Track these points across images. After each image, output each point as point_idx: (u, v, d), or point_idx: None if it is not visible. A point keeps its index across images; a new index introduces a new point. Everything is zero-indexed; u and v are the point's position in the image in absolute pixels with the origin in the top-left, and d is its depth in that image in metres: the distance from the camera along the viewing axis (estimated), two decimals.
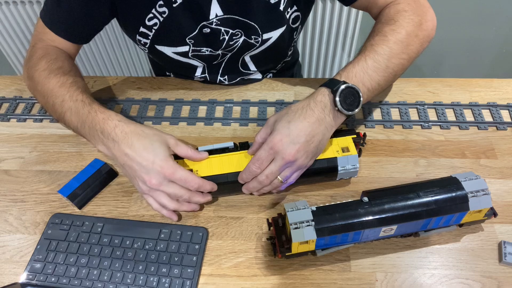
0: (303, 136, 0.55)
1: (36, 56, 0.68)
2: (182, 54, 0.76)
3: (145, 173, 0.56)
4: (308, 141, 0.55)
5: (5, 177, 0.69)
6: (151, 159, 0.56)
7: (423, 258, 0.57)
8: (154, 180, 0.56)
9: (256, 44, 0.75)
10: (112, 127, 0.58)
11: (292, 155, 0.54)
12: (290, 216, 0.52)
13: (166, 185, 0.57)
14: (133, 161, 0.56)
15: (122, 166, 0.59)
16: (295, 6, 0.72)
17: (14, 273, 0.58)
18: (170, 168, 0.56)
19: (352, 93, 0.57)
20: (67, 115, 0.62)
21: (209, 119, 0.77)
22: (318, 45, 1.48)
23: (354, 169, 0.61)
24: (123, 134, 0.57)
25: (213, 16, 0.69)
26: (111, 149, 0.58)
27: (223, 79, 0.83)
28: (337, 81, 0.58)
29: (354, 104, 0.57)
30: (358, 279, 0.55)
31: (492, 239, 0.59)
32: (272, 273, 0.56)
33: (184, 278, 0.56)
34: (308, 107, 0.56)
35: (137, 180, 0.58)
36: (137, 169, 0.56)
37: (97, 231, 0.61)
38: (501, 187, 0.64)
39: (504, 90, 0.79)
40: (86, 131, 0.61)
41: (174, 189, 0.57)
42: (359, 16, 1.37)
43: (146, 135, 0.58)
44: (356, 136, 0.63)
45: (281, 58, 0.87)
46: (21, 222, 0.63)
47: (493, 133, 0.72)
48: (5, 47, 1.54)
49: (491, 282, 0.55)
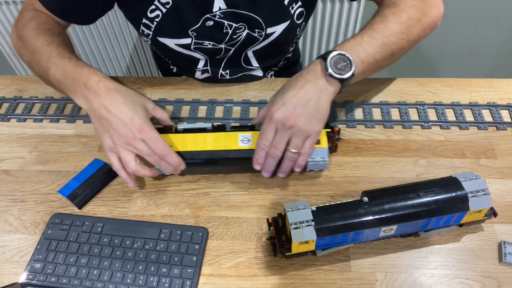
0: (297, 100, 0.57)
1: (26, 17, 0.69)
2: (184, 46, 0.76)
3: (120, 127, 0.58)
4: (304, 105, 0.57)
5: (5, 177, 0.69)
6: (130, 116, 0.58)
7: (423, 258, 0.57)
8: (129, 133, 0.57)
9: (260, 38, 0.75)
10: (96, 81, 0.60)
11: (291, 119, 0.56)
12: (290, 216, 0.52)
13: (137, 141, 0.58)
14: (111, 114, 0.58)
15: (97, 118, 0.60)
16: (300, 2, 0.72)
17: (14, 273, 0.58)
18: (146, 127, 0.58)
19: (343, 59, 0.58)
20: (51, 69, 0.63)
21: (209, 119, 0.76)
22: (318, 45, 1.48)
23: (323, 162, 0.63)
24: (105, 89, 0.59)
25: (216, 9, 0.69)
26: (91, 101, 0.59)
27: (225, 73, 0.83)
28: (329, 51, 0.59)
29: (346, 69, 0.58)
30: (358, 279, 0.55)
31: (492, 239, 0.59)
32: (272, 273, 0.56)
33: (184, 278, 0.56)
34: (300, 76, 0.59)
35: (108, 133, 0.59)
36: (113, 121, 0.58)
37: (97, 231, 0.61)
38: (501, 187, 0.64)
39: (504, 90, 0.79)
40: (68, 83, 0.62)
41: (143, 147, 0.58)
42: (359, 16, 1.37)
43: (128, 94, 0.61)
44: (330, 131, 0.65)
45: (283, 54, 0.87)
46: (21, 222, 0.63)
47: (493, 133, 0.72)
48: (5, 47, 1.54)
49: (491, 282, 0.55)
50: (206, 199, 0.65)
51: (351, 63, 0.58)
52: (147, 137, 0.58)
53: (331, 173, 0.67)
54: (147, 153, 0.59)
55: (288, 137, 0.58)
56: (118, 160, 0.60)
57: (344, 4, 1.33)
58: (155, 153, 0.59)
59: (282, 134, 0.58)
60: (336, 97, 0.79)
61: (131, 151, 0.59)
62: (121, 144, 0.59)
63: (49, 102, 0.81)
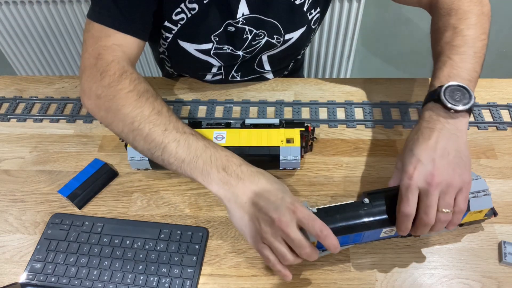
0: (432, 152, 0.50)
1: (113, 72, 0.58)
2: (204, 51, 0.75)
3: (273, 210, 0.48)
4: (442, 156, 0.50)
5: (5, 177, 0.69)
6: (280, 195, 0.50)
7: (423, 258, 0.57)
8: (284, 217, 0.48)
9: (278, 44, 0.75)
10: (238, 165, 0.53)
11: (435, 176, 0.48)
12: None
13: (293, 226, 0.48)
14: (260, 197, 0.50)
15: (240, 206, 0.51)
16: (319, 8, 0.72)
17: (14, 273, 0.58)
18: (300, 206, 0.49)
19: (455, 88, 0.52)
20: (171, 146, 0.54)
21: (209, 119, 0.76)
22: (318, 45, 1.48)
23: (296, 160, 0.63)
24: (249, 172, 0.53)
25: (240, 15, 0.69)
26: (233, 187, 0.52)
27: (237, 74, 0.83)
28: (434, 90, 0.54)
29: (466, 96, 0.52)
30: (358, 279, 0.55)
31: (492, 239, 0.59)
32: (272, 273, 0.56)
33: (184, 278, 0.56)
34: (422, 127, 0.52)
35: (258, 223, 0.50)
36: (263, 205, 0.49)
37: (97, 231, 0.61)
38: (501, 187, 0.64)
39: (504, 90, 0.79)
40: (199, 166, 0.53)
41: (298, 235, 0.48)
42: (359, 16, 1.37)
43: (271, 177, 0.53)
44: (304, 130, 0.65)
45: (295, 57, 0.87)
46: (21, 222, 0.63)
47: (493, 133, 0.72)
48: (5, 47, 1.54)
49: (491, 282, 0.55)
50: (206, 199, 0.65)
51: (465, 88, 0.52)
52: (302, 216, 0.48)
53: (331, 173, 0.67)
54: (299, 240, 0.48)
55: (437, 198, 0.49)
56: (271, 253, 0.50)
57: (344, 4, 1.33)
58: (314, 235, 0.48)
59: (429, 197, 0.48)
60: (336, 97, 0.80)
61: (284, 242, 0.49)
62: (272, 235, 0.49)
63: (49, 102, 0.81)
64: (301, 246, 0.48)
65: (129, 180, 0.68)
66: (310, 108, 0.78)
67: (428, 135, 0.51)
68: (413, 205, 0.49)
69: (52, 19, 1.43)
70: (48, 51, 1.56)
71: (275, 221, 0.48)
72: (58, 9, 1.39)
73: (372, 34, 1.51)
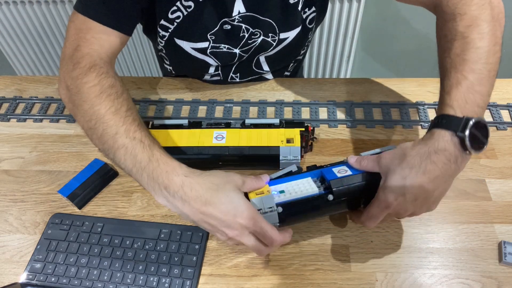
0: (421, 194, 0.48)
1: (84, 65, 0.58)
2: (200, 50, 0.75)
3: (226, 227, 0.49)
4: (427, 198, 0.49)
5: (5, 177, 0.69)
6: (232, 213, 0.49)
7: (423, 258, 0.57)
8: (236, 232, 0.49)
9: (273, 43, 0.75)
10: (179, 185, 0.50)
11: (409, 210, 0.50)
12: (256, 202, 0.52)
13: (246, 236, 0.50)
14: (211, 218, 0.49)
15: (195, 222, 0.51)
16: (313, 7, 0.72)
17: (14, 273, 0.58)
18: (252, 220, 0.49)
19: (480, 126, 0.48)
20: (120, 152, 0.53)
21: (209, 119, 0.76)
22: (318, 45, 1.48)
23: (296, 161, 0.63)
24: (193, 192, 0.49)
25: (235, 13, 0.69)
26: (180, 208, 0.50)
27: (235, 76, 0.83)
28: (455, 118, 0.49)
29: (484, 136, 0.49)
30: (358, 279, 0.55)
31: (492, 239, 0.59)
32: (272, 273, 0.56)
33: (184, 278, 0.56)
34: (429, 159, 0.48)
35: (217, 233, 0.51)
36: (216, 224, 0.50)
37: (97, 231, 0.61)
38: (501, 187, 0.64)
39: (504, 90, 0.79)
40: (144, 180, 0.52)
41: (251, 241, 0.51)
42: (359, 16, 1.37)
43: (218, 187, 0.50)
44: (304, 130, 0.65)
45: (294, 58, 0.87)
46: (21, 222, 0.63)
47: (493, 133, 0.72)
48: (5, 47, 1.54)
49: (491, 282, 0.55)
50: None
51: (486, 125, 0.49)
52: (255, 231, 0.50)
53: None
54: (252, 248, 0.51)
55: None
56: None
57: (344, 4, 1.33)
58: (264, 243, 0.51)
59: (387, 217, 0.52)
60: (336, 97, 0.80)
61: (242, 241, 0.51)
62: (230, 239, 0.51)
63: (49, 102, 0.81)
64: (260, 247, 0.51)
65: (129, 180, 0.67)
66: (310, 108, 0.78)
67: (430, 173, 0.48)
68: (376, 223, 0.53)
69: (52, 19, 1.43)
70: (48, 51, 1.56)
71: (228, 235, 0.49)
72: (58, 9, 1.39)
73: (372, 34, 1.51)
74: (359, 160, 0.54)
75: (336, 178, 0.53)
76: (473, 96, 0.50)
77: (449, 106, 0.50)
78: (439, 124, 0.50)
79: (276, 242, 0.51)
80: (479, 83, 0.51)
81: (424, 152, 0.49)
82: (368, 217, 0.53)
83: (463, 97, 0.50)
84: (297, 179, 0.55)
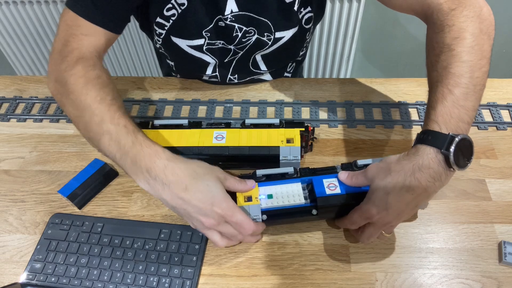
0: (403, 209, 0.50)
1: (71, 58, 0.60)
2: (196, 47, 0.75)
3: (202, 215, 0.51)
4: (408, 212, 0.51)
5: (5, 177, 0.69)
6: (209, 202, 0.51)
7: (423, 258, 0.57)
8: (212, 220, 0.51)
9: (269, 42, 0.75)
10: (161, 168, 0.51)
11: (390, 222, 0.52)
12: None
13: (222, 225, 0.53)
14: (189, 204, 0.51)
15: (172, 208, 0.53)
16: (309, 7, 0.72)
17: (14, 273, 0.58)
18: (229, 210, 0.51)
19: (465, 145, 0.49)
20: (105, 138, 0.54)
21: (209, 118, 0.76)
22: (318, 45, 1.48)
23: (296, 161, 0.63)
24: (174, 177, 0.51)
25: (228, 12, 0.69)
26: (160, 192, 0.52)
27: (233, 77, 0.83)
28: (440, 134, 0.49)
29: (467, 154, 0.49)
30: (358, 279, 0.55)
31: (492, 239, 0.59)
32: (272, 273, 0.56)
33: (184, 278, 0.56)
34: (413, 176, 0.48)
35: (192, 220, 0.53)
36: (192, 211, 0.51)
37: (97, 231, 0.61)
38: (501, 187, 0.64)
39: (504, 90, 0.79)
40: (127, 164, 0.53)
41: (228, 230, 0.53)
42: (359, 16, 1.37)
43: (198, 176, 0.52)
44: (304, 130, 0.65)
45: (292, 59, 0.87)
46: (21, 222, 0.63)
47: (493, 133, 0.72)
48: (5, 47, 1.54)
49: (491, 282, 0.55)
50: None
51: (471, 143, 0.50)
52: (231, 221, 0.52)
53: None
54: (229, 236, 0.54)
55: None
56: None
57: (344, 4, 1.33)
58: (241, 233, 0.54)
59: (371, 232, 0.54)
60: (336, 97, 0.80)
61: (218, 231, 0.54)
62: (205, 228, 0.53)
63: (49, 102, 0.81)
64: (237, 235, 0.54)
65: (129, 180, 0.67)
66: (310, 108, 0.78)
67: (413, 191, 0.48)
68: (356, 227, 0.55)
69: (52, 19, 1.43)
70: (48, 51, 1.56)
71: (204, 223, 0.52)
72: (58, 9, 1.39)
73: (372, 34, 1.51)
74: (350, 177, 0.55)
75: (324, 195, 0.55)
76: (458, 111, 0.50)
77: (434, 121, 0.50)
78: (424, 140, 0.49)
79: (250, 232, 0.53)
80: (464, 97, 0.50)
81: (408, 169, 0.49)
82: (350, 222, 0.55)
83: (448, 111, 0.50)
84: (288, 183, 0.58)
